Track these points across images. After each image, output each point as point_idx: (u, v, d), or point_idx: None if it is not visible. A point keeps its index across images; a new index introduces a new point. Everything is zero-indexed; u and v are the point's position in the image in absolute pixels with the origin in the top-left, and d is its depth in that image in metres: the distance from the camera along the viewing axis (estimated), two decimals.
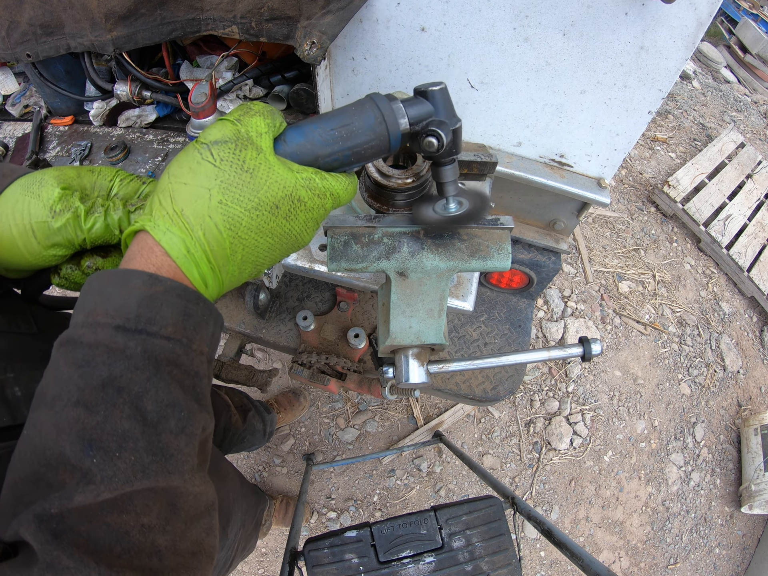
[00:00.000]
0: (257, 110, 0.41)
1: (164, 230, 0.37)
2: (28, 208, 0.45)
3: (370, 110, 0.44)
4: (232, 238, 0.38)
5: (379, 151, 0.45)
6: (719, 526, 2.09)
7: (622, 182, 2.96)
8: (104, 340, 0.33)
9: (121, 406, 0.32)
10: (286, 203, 0.40)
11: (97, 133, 1.22)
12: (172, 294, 0.35)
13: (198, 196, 0.37)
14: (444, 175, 0.51)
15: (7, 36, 0.90)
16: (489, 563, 1.03)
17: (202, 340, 0.38)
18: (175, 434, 0.34)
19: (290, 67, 1.08)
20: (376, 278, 0.86)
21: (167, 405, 0.33)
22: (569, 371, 2.18)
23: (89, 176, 0.50)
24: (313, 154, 0.43)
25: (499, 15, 0.73)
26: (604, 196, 0.93)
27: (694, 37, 0.69)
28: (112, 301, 0.34)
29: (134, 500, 0.31)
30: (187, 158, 0.39)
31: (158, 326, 0.34)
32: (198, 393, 0.37)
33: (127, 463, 0.31)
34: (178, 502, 0.33)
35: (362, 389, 1.24)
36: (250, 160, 0.39)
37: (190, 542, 0.34)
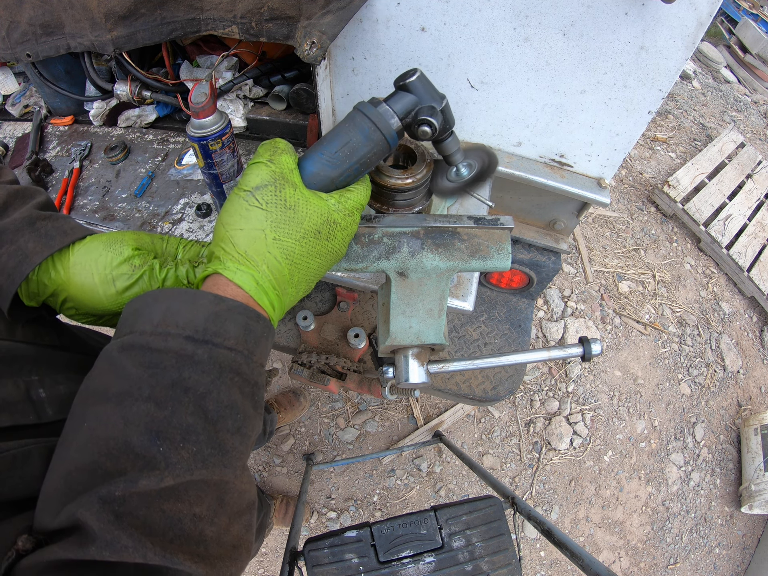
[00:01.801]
0: (283, 148, 0.47)
1: (234, 270, 0.43)
2: (110, 261, 0.52)
3: (361, 122, 0.47)
4: (290, 265, 0.45)
5: (382, 154, 0.49)
6: (719, 526, 2.09)
7: (622, 182, 2.96)
8: (174, 347, 0.37)
9: (186, 404, 0.36)
10: (325, 228, 0.47)
11: (97, 133, 1.22)
12: (235, 312, 0.40)
13: (255, 237, 0.44)
14: (447, 148, 0.55)
15: (7, 36, 0.90)
16: (489, 563, 1.03)
17: (261, 353, 0.43)
18: (231, 433, 0.38)
19: (290, 67, 1.08)
20: (376, 278, 0.86)
21: (226, 406, 0.38)
22: (569, 371, 2.18)
23: (160, 243, 0.59)
24: (328, 178, 0.47)
25: (499, 15, 0.73)
26: (604, 196, 0.93)
27: (694, 37, 0.69)
28: (182, 315, 0.39)
29: (189, 490, 0.34)
30: (235, 207, 0.45)
31: (222, 338, 0.39)
32: (255, 400, 0.41)
33: (189, 453, 0.35)
34: (226, 497, 0.37)
35: (362, 389, 1.24)
36: (290, 197, 0.45)
37: (232, 536, 0.37)
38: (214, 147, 0.86)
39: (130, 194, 1.06)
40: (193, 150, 0.87)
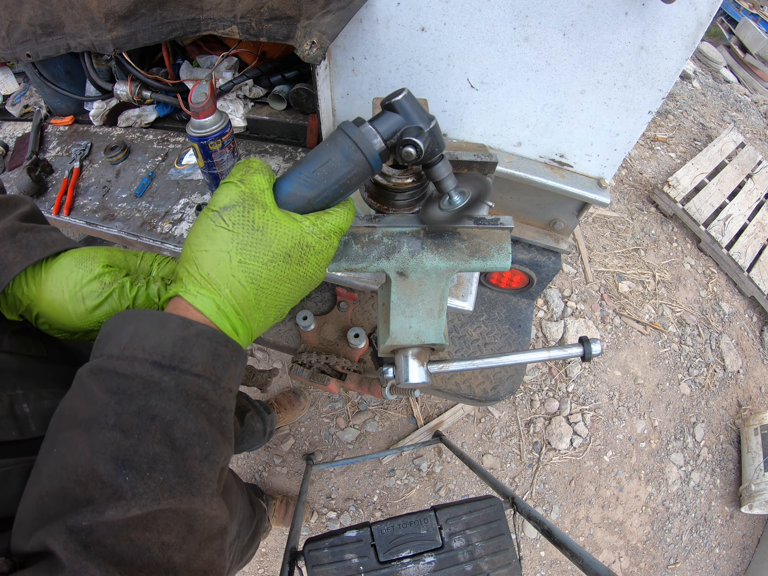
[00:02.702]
0: (256, 168, 0.45)
1: (195, 293, 0.42)
2: (81, 279, 0.52)
3: (342, 141, 0.45)
4: (255, 290, 0.43)
5: (364, 175, 0.47)
6: (719, 526, 2.09)
7: (622, 182, 2.96)
8: (141, 373, 0.37)
9: (153, 432, 0.35)
10: (296, 251, 0.45)
11: (97, 133, 1.22)
12: (203, 337, 0.40)
13: (219, 259, 0.42)
14: (437, 174, 0.52)
15: (7, 36, 0.90)
16: (489, 563, 1.03)
17: (230, 378, 0.42)
18: (199, 460, 0.37)
19: (290, 67, 1.08)
20: (376, 278, 0.86)
21: (194, 434, 0.37)
22: (569, 371, 2.18)
23: (134, 260, 0.58)
24: (305, 198, 0.46)
25: (499, 15, 0.73)
26: (604, 196, 0.93)
27: (694, 37, 0.69)
28: (149, 339, 0.38)
29: (158, 519, 0.34)
30: (202, 227, 0.44)
31: (190, 364, 0.38)
32: (223, 426, 0.41)
33: (156, 482, 0.34)
34: (195, 523, 0.37)
35: (362, 389, 1.24)
36: (258, 218, 0.43)
37: (202, 561, 0.37)
38: (214, 147, 0.86)
39: (130, 194, 1.06)
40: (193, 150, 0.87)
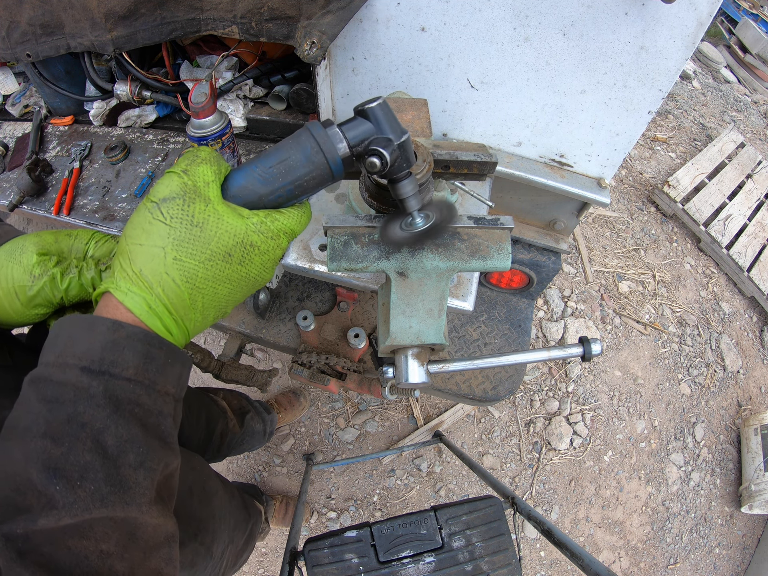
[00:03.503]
0: (204, 158, 0.43)
1: (125, 291, 0.39)
2: (11, 273, 0.50)
3: (305, 141, 0.43)
4: (190, 289, 0.41)
5: (323, 180, 0.45)
6: (719, 526, 2.09)
7: (622, 182, 2.96)
8: (71, 379, 0.36)
9: (84, 439, 0.35)
10: (238, 250, 0.42)
11: (97, 133, 1.22)
12: (134, 339, 0.38)
13: (153, 255, 0.39)
14: (402, 191, 0.49)
15: (7, 36, 0.90)
16: (489, 563, 1.03)
17: (166, 381, 0.40)
18: (133, 468, 0.36)
19: (290, 67, 1.08)
20: (376, 278, 0.86)
21: (126, 441, 0.36)
22: (569, 371, 2.18)
23: (66, 240, 0.54)
24: (256, 194, 0.43)
25: (499, 15, 0.73)
26: (604, 196, 0.93)
27: (694, 37, 0.69)
28: (80, 344, 0.37)
29: (94, 527, 0.34)
30: (139, 219, 0.41)
31: (120, 368, 0.37)
32: (162, 431, 0.40)
33: (87, 492, 0.34)
34: (137, 532, 0.36)
35: (362, 389, 1.24)
36: (198, 213, 0.40)
37: (148, 570, 0.36)
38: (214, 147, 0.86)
39: (130, 194, 1.06)
40: None
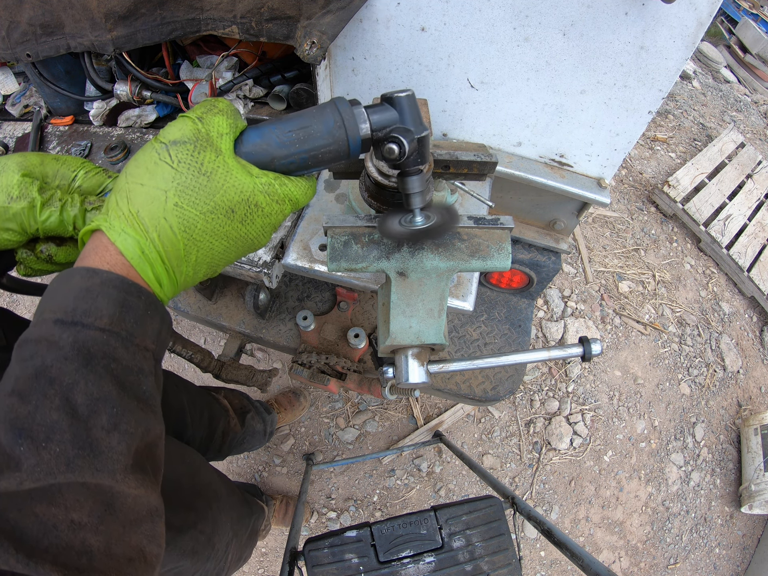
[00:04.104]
0: (221, 108, 0.41)
1: (119, 231, 0.37)
2: None
3: (330, 114, 0.43)
4: (187, 240, 0.39)
5: (338, 156, 0.44)
6: (719, 526, 2.09)
7: (622, 182, 2.96)
8: (45, 334, 0.34)
9: (52, 397, 0.32)
10: (242, 208, 0.40)
11: (97, 133, 1.22)
12: (109, 286, 0.35)
13: (154, 197, 0.37)
14: (410, 186, 0.49)
15: (7, 36, 0.90)
16: (489, 563, 1.03)
17: (145, 334, 0.37)
18: (107, 431, 0.33)
19: (290, 67, 1.08)
20: (376, 278, 0.86)
21: (98, 399, 0.33)
22: (569, 371, 2.18)
23: (53, 164, 0.50)
24: (270, 155, 0.43)
25: (499, 15, 0.73)
26: (604, 196, 0.93)
27: (694, 37, 0.69)
28: (56, 297, 0.35)
29: (64, 494, 0.31)
30: (145, 158, 0.39)
31: (93, 317, 0.34)
32: (142, 391, 0.36)
33: (51, 455, 0.31)
34: (115, 502, 0.33)
35: (362, 389, 1.24)
36: (208, 162, 0.39)
37: (128, 547, 0.33)
38: None
39: None
40: None
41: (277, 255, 0.88)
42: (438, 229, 0.52)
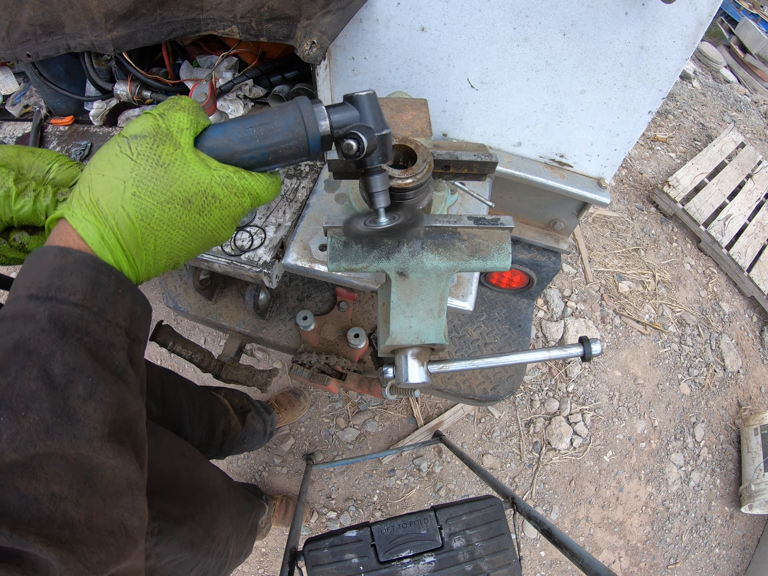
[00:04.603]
0: (183, 105, 0.43)
1: (80, 218, 0.39)
2: None
3: (291, 111, 0.44)
4: (144, 228, 0.40)
5: (298, 152, 0.46)
6: (719, 526, 2.09)
7: (622, 182, 2.96)
8: (21, 309, 0.35)
9: (30, 368, 0.33)
10: (199, 199, 0.42)
11: (97, 133, 1.22)
12: (82, 264, 0.37)
13: (113, 187, 0.39)
14: (372, 185, 0.50)
15: (7, 36, 0.90)
16: (489, 563, 1.03)
17: (116, 312, 0.39)
18: (83, 399, 0.34)
19: (290, 67, 1.08)
20: (376, 278, 0.86)
21: (74, 369, 0.34)
22: (569, 371, 2.18)
23: (29, 156, 0.53)
24: (230, 150, 0.44)
25: (499, 15, 0.73)
26: (604, 196, 0.93)
27: (694, 37, 0.69)
28: (29, 275, 0.37)
29: (44, 466, 0.31)
30: (107, 151, 0.41)
31: (67, 293, 0.36)
32: (114, 365, 0.38)
33: (30, 423, 0.32)
34: (94, 475, 0.33)
35: (362, 389, 1.24)
36: (166, 155, 0.41)
37: (109, 520, 0.34)
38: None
39: None
40: None
41: (277, 255, 0.88)
42: (405, 229, 0.52)
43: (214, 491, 0.94)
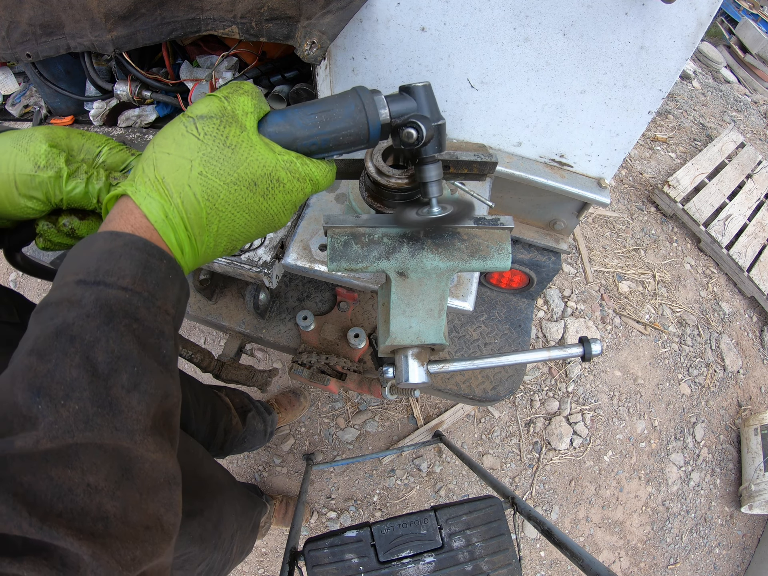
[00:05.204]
0: (246, 90, 0.43)
1: (145, 195, 0.38)
2: (14, 159, 0.46)
3: (351, 99, 0.45)
4: (209, 208, 0.40)
5: (358, 139, 0.46)
6: (719, 526, 2.09)
7: (622, 182, 2.96)
8: (66, 295, 0.34)
9: (72, 355, 0.32)
10: (264, 182, 0.41)
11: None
12: (132, 247, 0.36)
13: (179, 165, 0.39)
14: (427, 174, 0.51)
15: (7, 36, 0.90)
16: (489, 563, 1.03)
17: (166, 298, 0.38)
18: (127, 390, 0.33)
19: (290, 67, 1.08)
20: (376, 278, 0.86)
21: (119, 357, 0.33)
22: (569, 371, 2.18)
23: (79, 139, 0.51)
24: (292, 135, 0.44)
25: (499, 15, 0.73)
26: (604, 196, 0.93)
27: (694, 37, 0.69)
28: (78, 261, 0.35)
29: (80, 455, 0.30)
30: (172, 130, 0.41)
31: (116, 277, 0.34)
32: (162, 354, 0.36)
33: (70, 412, 0.30)
34: (132, 467, 0.32)
35: (362, 389, 1.24)
36: (233, 136, 0.40)
37: (145, 515, 0.32)
38: None
39: None
40: None
41: (277, 255, 0.88)
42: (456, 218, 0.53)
43: (219, 488, 0.95)
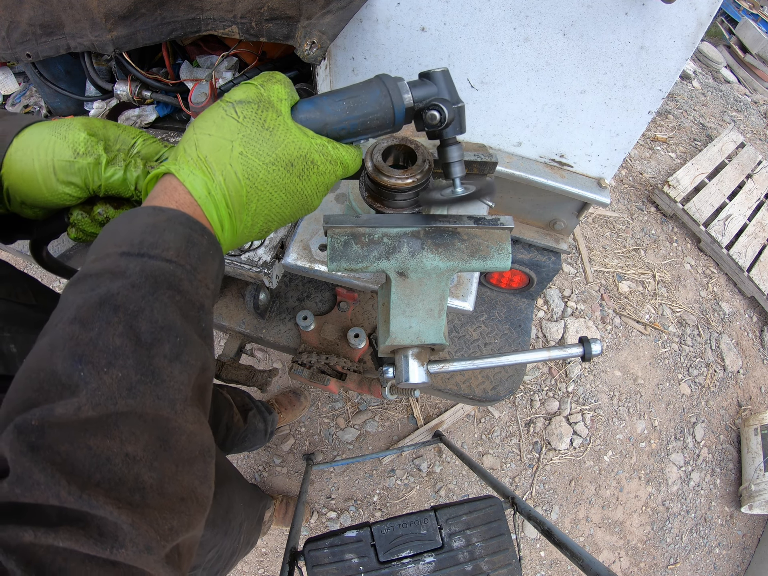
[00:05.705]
0: (279, 79, 0.46)
1: (188, 172, 0.40)
2: (53, 146, 0.47)
3: (376, 85, 0.48)
4: (249, 187, 0.42)
5: (384, 123, 0.49)
6: (719, 526, 2.09)
7: (622, 182, 2.96)
8: (109, 266, 0.34)
9: (116, 324, 0.32)
10: (300, 163, 0.44)
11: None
12: (175, 222, 0.37)
13: (221, 146, 0.41)
14: (450, 155, 0.54)
15: (7, 36, 0.90)
16: (489, 563, 1.03)
17: (207, 272, 0.39)
18: (169, 360, 0.33)
19: (290, 67, 1.08)
20: (376, 278, 0.86)
21: (162, 327, 0.33)
22: (569, 371, 2.18)
23: (115, 129, 0.53)
24: (322, 121, 0.47)
25: (499, 15, 0.73)
26: (604, 196, 0.93)
27: (694, 37, 0.69)
28: (120, 234, 0.36)
29: (120, 425, 0.30)
30: (212, 114, 0.43)
31: (160, 249, 0.35)
32: (202, 327, 0.37)
33: (113, 379, 0.30)
34: (170, 438, 0.32)
35: (362, 389, 1.24)
36: (270, 120, 0.43)
37: (180, 487, 0.32)
38: None
39: None
40: None
41: (277, 255, 0.88)
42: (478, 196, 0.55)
43: (227, 477, 0.95)
